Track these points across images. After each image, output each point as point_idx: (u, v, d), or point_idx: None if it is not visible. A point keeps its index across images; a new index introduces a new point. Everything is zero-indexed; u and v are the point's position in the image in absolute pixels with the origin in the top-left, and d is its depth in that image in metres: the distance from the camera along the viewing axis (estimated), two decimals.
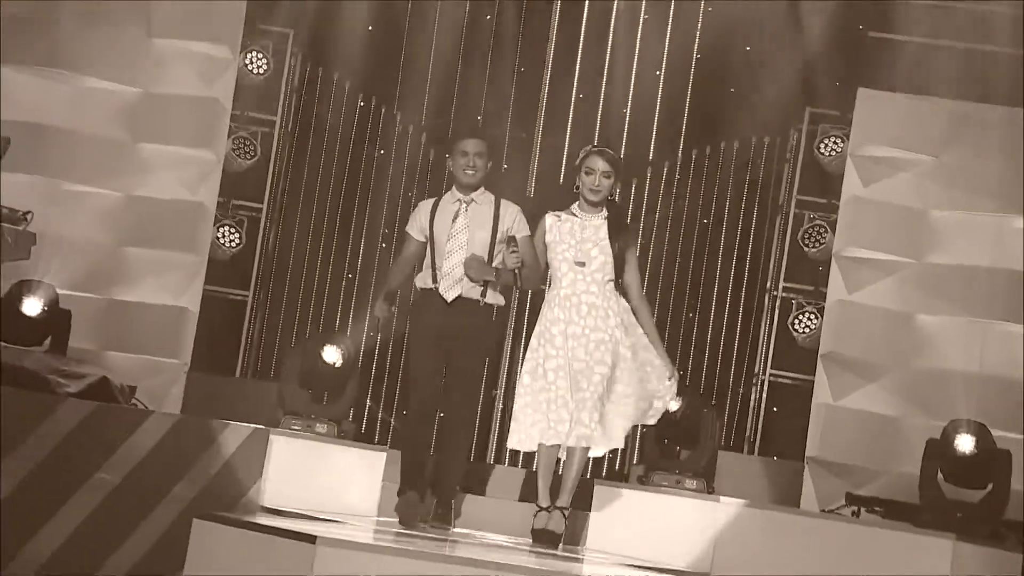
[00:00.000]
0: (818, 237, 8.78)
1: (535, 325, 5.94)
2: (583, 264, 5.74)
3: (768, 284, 8.96)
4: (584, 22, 9.04)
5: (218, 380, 8.63)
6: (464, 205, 5.95)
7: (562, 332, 5.72)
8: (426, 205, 6.09)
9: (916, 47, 8.63)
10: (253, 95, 8.93)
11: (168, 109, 8.77)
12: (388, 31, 8.97)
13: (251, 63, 8.87)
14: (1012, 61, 8.40)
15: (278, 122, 8.96)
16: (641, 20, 9.02)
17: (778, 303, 8.89)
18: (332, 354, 7.95)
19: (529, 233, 5.92)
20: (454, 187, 6.03)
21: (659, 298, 8.87)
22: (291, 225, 9.08)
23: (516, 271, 5.83)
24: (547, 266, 5.93)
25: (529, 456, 8.61)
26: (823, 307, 8.74)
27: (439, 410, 6.13)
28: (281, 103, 8.99)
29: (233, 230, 8.83)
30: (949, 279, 8.54)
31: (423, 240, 6.00)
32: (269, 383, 8.56)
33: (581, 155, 5.88)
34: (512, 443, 5.89)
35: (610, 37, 9.07)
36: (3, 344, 7.05)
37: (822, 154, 8.84)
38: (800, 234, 8.83)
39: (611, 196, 5.94)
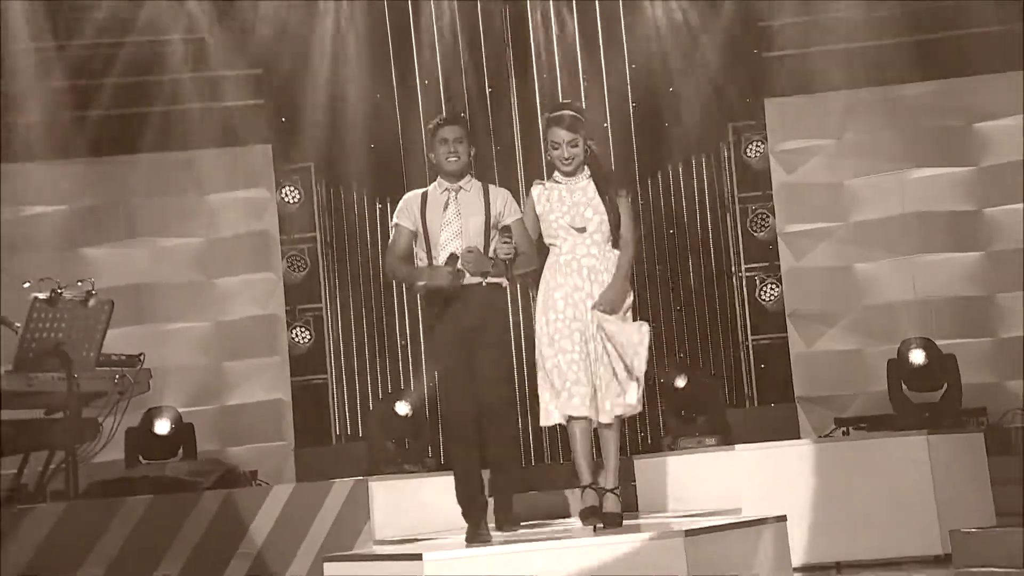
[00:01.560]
0: (762, 222, 8.78)
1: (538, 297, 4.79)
2: (583, 229, 4.63)
3: (732, 268, 8.91)
4: (538, 97, 9.03)
5: (319, 450, 8.59)
6: (453, 193, 4.75)
7: (565, 297, 4.60)
8: (414, 197, 4.85)
9: (802, 56, 8.68)
10: (293, 220, 8.94)
11: (230, 248, 8.86)
12: (387, 145, 8.93)
13: (286, 196, 8.93)
14: (878, 50, 8.47)
15: (318, 236, 8.96)
16: (582, 85, 9.06)
17: (744, 281, 8.85)
18: (403, 407, 8.01)
19: (521, 217, 4.77)
20: (439, 178, 4.83)
21: (648, 300, 8.86)
22: (347, 313, 9.03)
23: (508, 261, 4.62)
24: (539, 238, 4.80)
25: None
26: (780, 276, 8.73)
27: (479, 407, 4.80)
28: (317, 221, 8.99)
29: (303, 329, 8.84)
30: (872, 230, 8.55)
31: (415, 230, 4.79)
32: (360, 442, 8.59)
33: (543, 127, 4.77)
34: (541, 421, 4.75)
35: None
36: (146, 462, 7.16)
37: (749, 157, 8.84)
38: (748, 223, 8.81)
39: (587, 151, 4.72)
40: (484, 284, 4.65)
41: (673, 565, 4.02)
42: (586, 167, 4.70)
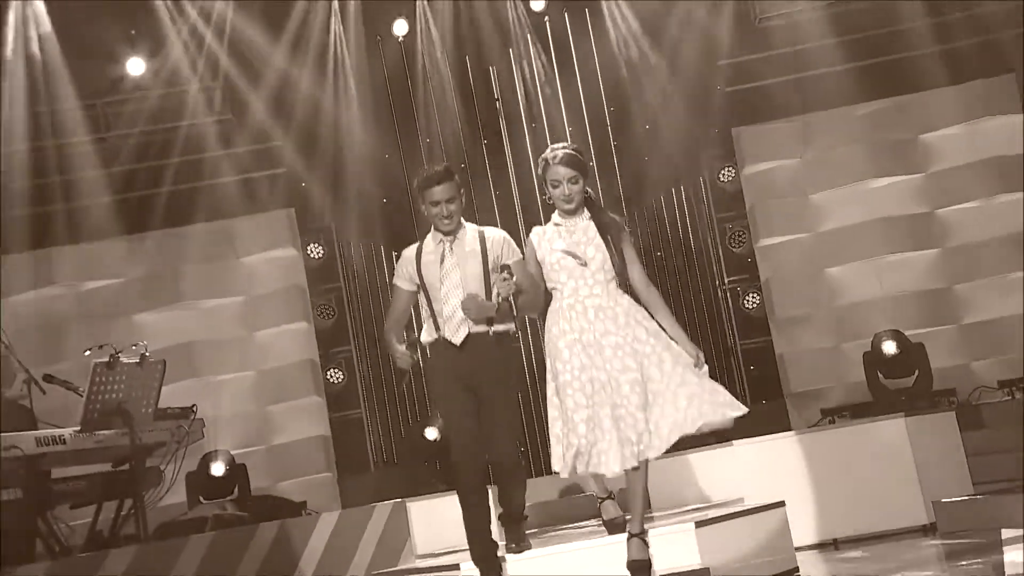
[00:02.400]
0: (740, 238, 8.78)
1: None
2: (584, 265, 3.98)
3: (717, 281, 8.89)
4: (528, 144, 8.98)
5: (360, 477, 8.57)
6: (448, 244, 4.10)
7: (570, 345, 3.94)
8: (409, 254, 4.21)
9: (761, 88, 8.72)
10: (319, 274, 8.97)
11: (266, 304, 8.88)
12: (396, 199, 8.92)
13: (311, 252, 8.96)
14: (828, 77, 8.49)
15: (342, 286, 8.98)
16: (567, 130, 9.07)
17: (728, 292, 8.85)
18: (432, 433, 7.99)
19: (521, 257, 4.12)
20: (433, 229, 4.18)
21: None
22: (374, 351, 8.98)
23: (512, 300, 4.03)
24: (545, 286, 4.14)
25: None
26: (760, 286, 8.72)
27: (488, 461, 4.15)
28: (340, 272, 9.00)
29: (336, 370, 8.85)
30: (839, 237, 8.54)
31: (413, 289, 4.15)
32: (395, 467, 8.57)
33: (541, 167, 4.10)
34: (556, 468, 4.00)
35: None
36: (206, 501, 7.16)
37: (723, 181, 8.85)
38: (727, 240, 8.82)
39: (586, 194, 4.11)
40: (491, 333, 4.02)
41: (686, 554, 4.03)
42: (585, 209, 4.09)
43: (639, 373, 3.87)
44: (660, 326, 4.02)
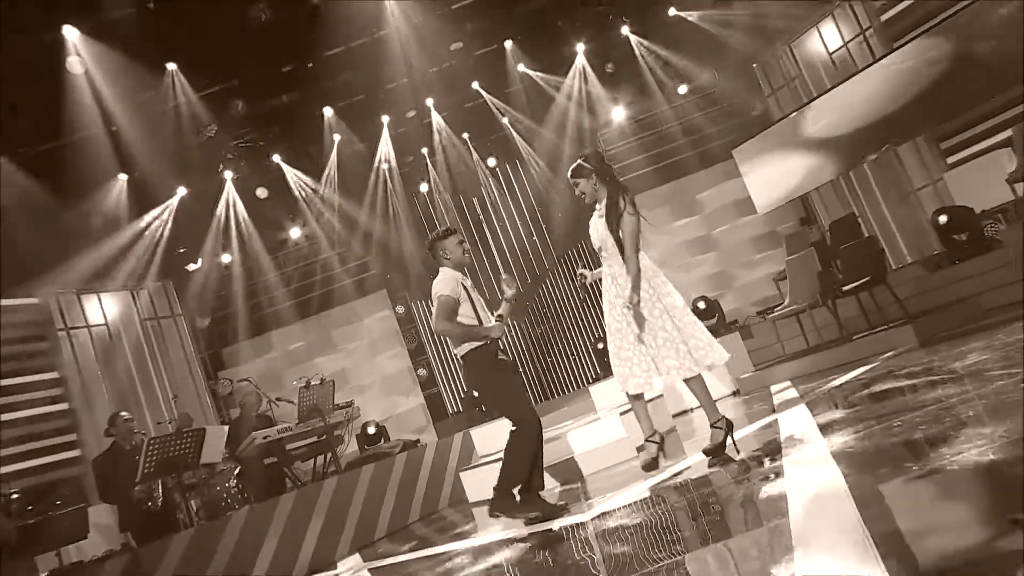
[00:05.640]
0: None
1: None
2: (600, 249, 3.03)
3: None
4: (500, 236, 9.11)
5: (444, 422, 8.57)
6: (464, 278, 3.17)
7: (608, 301, 3.00)
8: (457, 275, 3.16)
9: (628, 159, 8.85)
10: (405, 320, 8.95)
11: (379, 342, 8.85)
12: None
13: (398, 310, 8.94)
14: (642, 175, 8.63)
15: (417, 324, 9.00)
16: (519, 227, 9.14)
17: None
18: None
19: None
20: (453, 270, 3.14)
21: (558, 331, 8.91)
22: (441, 355, 8.99)
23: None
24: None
25: None
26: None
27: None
28: (415, 317, 9.01)
29: (423, 369, 8.87)
30: (664, 254, 8.60)
31: (458, 297, 3.08)
32: (462, 414, 8.56)
33: None
34: (629, 389, 2.93)
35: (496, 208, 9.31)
36: (368, 448, 7.23)
37: None
38: None
39: (605, 179, 2.99)
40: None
41: (617, 430, 4.07)
42: (604, 200, 3.00)
43: (637, 325, 2.92)
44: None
